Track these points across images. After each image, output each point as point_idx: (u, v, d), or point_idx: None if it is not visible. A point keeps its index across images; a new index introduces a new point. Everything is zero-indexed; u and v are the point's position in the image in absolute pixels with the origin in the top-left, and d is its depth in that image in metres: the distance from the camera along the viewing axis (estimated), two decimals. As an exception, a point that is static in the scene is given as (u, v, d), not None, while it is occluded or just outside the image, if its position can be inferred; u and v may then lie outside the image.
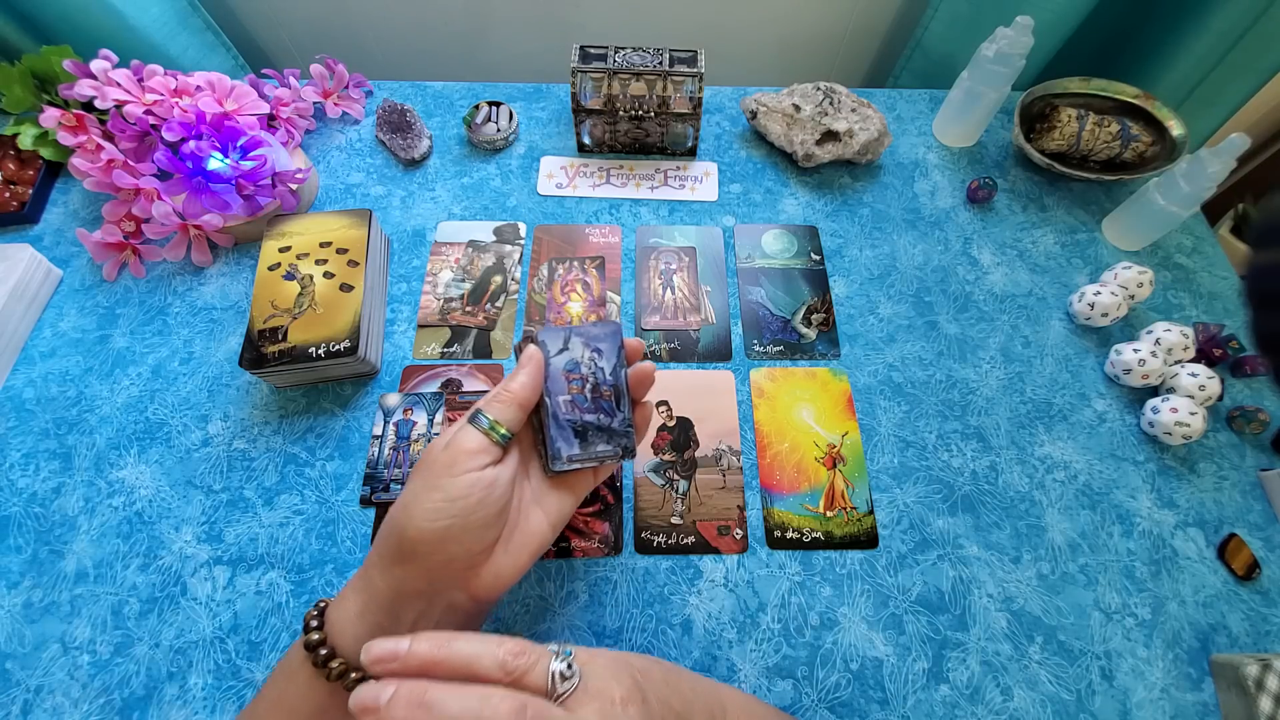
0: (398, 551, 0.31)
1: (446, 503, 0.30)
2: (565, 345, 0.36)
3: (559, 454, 0.35)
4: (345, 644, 0.30)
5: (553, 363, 0.35)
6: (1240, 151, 0.50)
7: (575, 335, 0.36)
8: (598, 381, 0.36)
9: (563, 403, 0.35)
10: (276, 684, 0.32)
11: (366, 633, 0.30)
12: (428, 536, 0.30)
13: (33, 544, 0.44)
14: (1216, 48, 0.64)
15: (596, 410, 0.36)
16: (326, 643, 0.30)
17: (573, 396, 0.35)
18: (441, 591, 0.32)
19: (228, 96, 0.57)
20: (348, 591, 0.32)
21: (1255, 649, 0.43)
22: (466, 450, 0.31)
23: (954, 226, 0.61)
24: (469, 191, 0.62)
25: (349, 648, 0.30)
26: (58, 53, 0.58)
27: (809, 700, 0.40)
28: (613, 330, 0.37)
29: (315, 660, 0.30)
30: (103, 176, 0.52)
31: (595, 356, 0.36)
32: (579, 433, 0.35)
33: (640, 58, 0.57)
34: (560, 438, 0.35)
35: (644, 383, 0.37)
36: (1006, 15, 0.59)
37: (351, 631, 0.31)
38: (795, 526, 0.46)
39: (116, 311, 0.53)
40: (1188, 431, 0.47)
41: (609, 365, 0.36)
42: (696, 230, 0.60)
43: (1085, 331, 0.56)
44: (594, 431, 0.35)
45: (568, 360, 0.36)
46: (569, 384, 0.35)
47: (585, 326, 0.37)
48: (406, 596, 0.31)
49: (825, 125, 0.61)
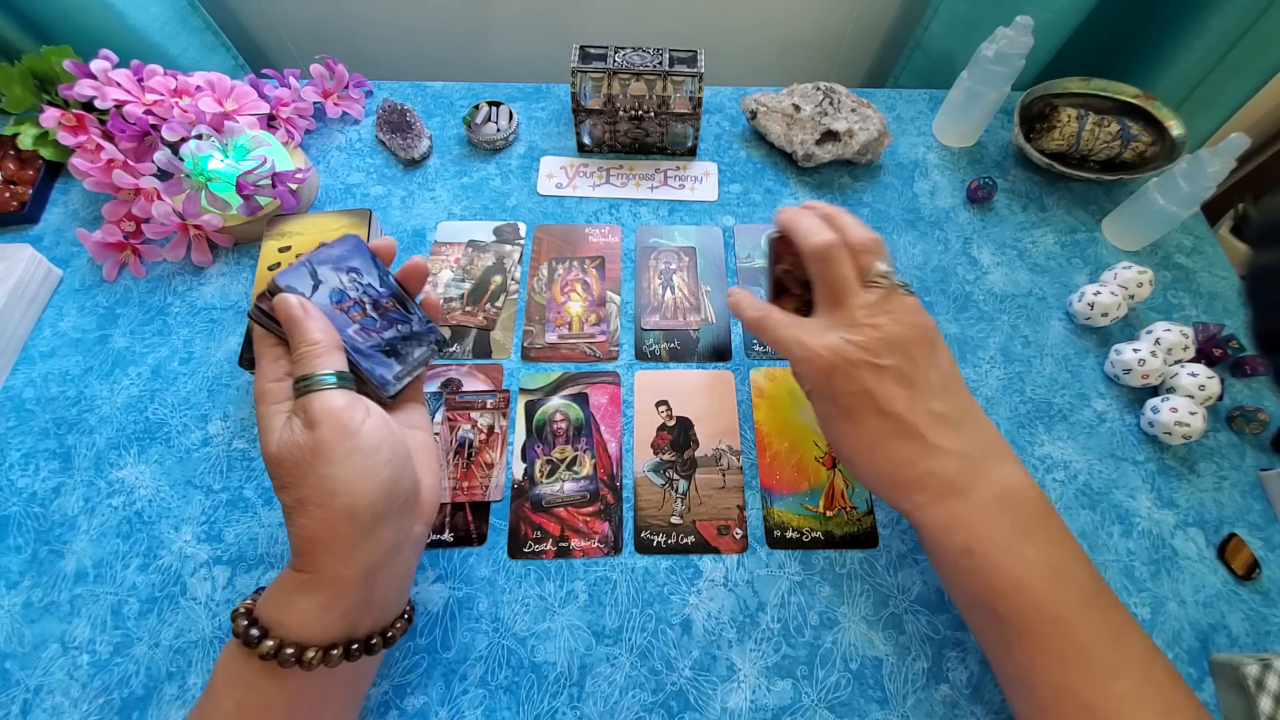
0: (357, 532, 0.30)
1: (372, 457, 0.30)
2: (316, 279, 0.33)
3: (385, 380, 0.34)
4: (313, 635, 0.30)
5: (318, 301, 0.33)
6: (1240, 151, 0.50)
7: (318, 265, 0.34)
8: (375, 298, 0.35)
9: (355, 333, 0.33)
10: (231, 693, 0.30)
11: (338, 618, 0.30)
12: (381, 497, 0.30)
13: (32, 544, 0.44)
14: (1216, 48, 0.64)
15: (390, 324, 0.35)
16: (286, 644, 0.29)
17: (359, 322, 0.34)
18: (406, 535, 0.33)
19: (228, 96, 0.57)
20: (291, 594, 0.30)
21: (1255, 649, 0.43)
22: (339, 409, 0.30)
23: (954, 226, 0.61)
24: (469, 191, 0.62)
25: (317, 638, 0.30)
26: (58, 53, 0.58)
27: (808, 700, 0.40)
28: (354, 242, 0.35)
29: (283, 661, 0.29)
30: (103, 176, 0.52)
31: (355, 276, 0.35)
32: (388, 352, 0.34)
33: (640, 58, 0.57)
34: (376, 365, 0.34)
35: (416, 275, 0.37)
36: (1006, 15, 0.59)
37: (320, 624, 0.30)
38: (795, 526, 0.46)
39: (116, 311, 0.53)
40: (1188, 431, 0.47)
41: (374, 277, 0.35)
42: (696, 230, 0.60)
43: (1085, 331, 0.56)
44: (401, 343, 0.34)
45: (330, 292, 0.33)
46: (348, 314, 0.34)
47: (322, 251, 0.34)
48: (380, 563, 0.31)
49: (825, 125, 0.61)
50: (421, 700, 0.40)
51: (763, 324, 0.40)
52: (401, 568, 0.33)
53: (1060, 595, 0.32)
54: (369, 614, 0.32)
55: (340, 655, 0.30)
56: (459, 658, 0.41)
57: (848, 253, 0.37)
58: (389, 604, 0.33)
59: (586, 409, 0.50)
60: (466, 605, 0.43)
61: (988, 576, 0.33)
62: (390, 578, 0.32)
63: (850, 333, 0.36)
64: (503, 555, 0.44)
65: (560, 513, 0.46)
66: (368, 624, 0.32)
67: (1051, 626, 0.31)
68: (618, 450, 0.49)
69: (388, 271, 0.36)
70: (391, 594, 0.33)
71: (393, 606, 0.34)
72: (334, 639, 0.30)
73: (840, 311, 0.37)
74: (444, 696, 0.40)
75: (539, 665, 0.41)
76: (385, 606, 0.33)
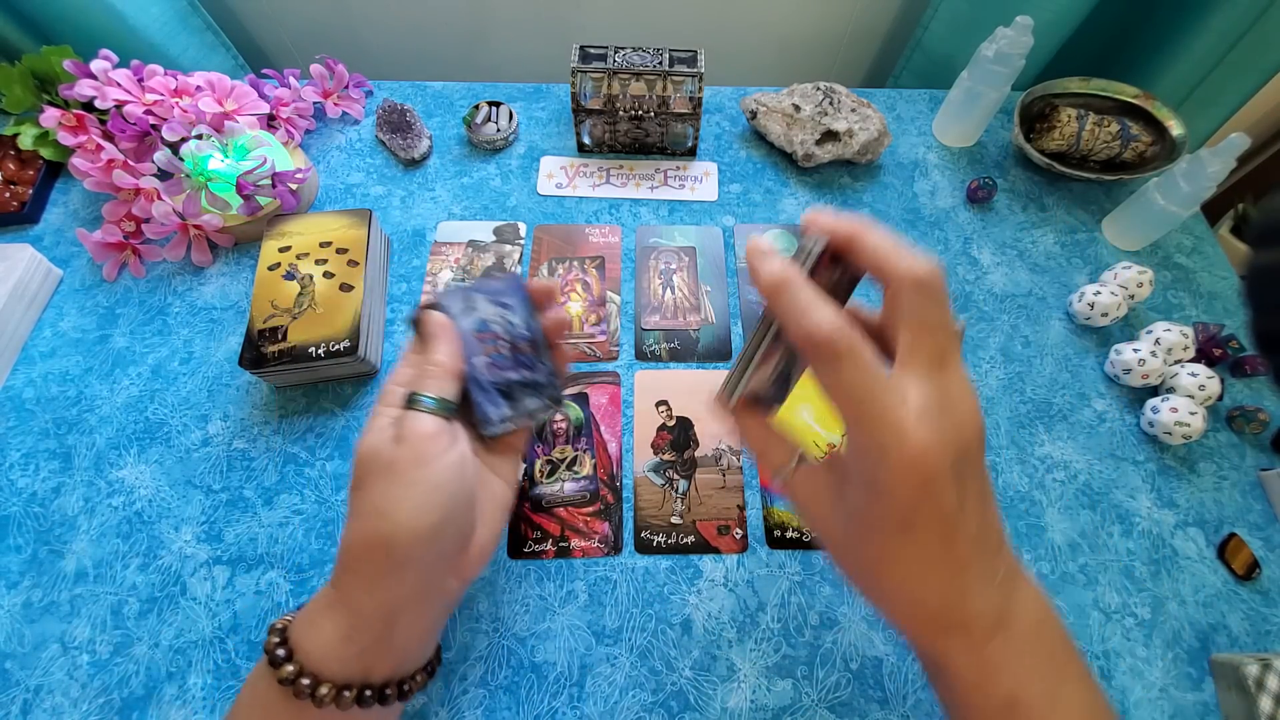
0: (389, 564, 0.29)
1: (432, 494, 0.29)
2: (470, 306, 0.34)
3: (489, 418, 0.33)
4: (330, 670, 0.29)
5: (462, 326, 0.33)
6: (1240, 151, 0.50)
7: (477, 294, 0.34)
8: (513, 337, 0.34)
9: (482, 365, 0.33)
10: (252, 716, 0.30)
11: (354, 655, 0.29)
12: (423, 536, 0.29)
13: (32, 544, 0.44)
14: (1216, 48, 0.64)
15: (518, 366, 0.34)
16: (306, 672, 0.29)
17: (490, 357, 0.34)
18: (435, 587, 0.31)
19: (228, 96, 0.57)
20: (319, 615, 0.30)
21: (1255, 649, 0.43)
22: (427, 436, 0.29)
23: (954, 226, 0.61)
24: (469, 191, 0.62)
25: (334, 672, 0.29)
26: (58, 53, 0.58)
27: (809, 700, 0.40)
28: (514, 280, 0.35)
29: (298, 692, 0.28)
30: (103, 176, 0.52)
31: (504, 311, 0.35)
32: (504, 392, 0.34)
33: (640, 58, 0.57)
34: (487, 401, 0.33)
35: (557, 327, 0.36)
36: (1006, 15, 0.59)
37: (337, 657, 0.29)
38: (795, 526, 0.46)
39: (116, 311, 0.53)
40: (1188, 431, 0.47)
41: (520, 318, 0.35)
42: (696, 230, 0.60)
43: (1085, 331, 0.56)
44: (519, 388, 0.34)
45: (476, 321, 0.34)
46: (483, 344, 0.34)
47: (485, 281, 0.35)
48: (403, 607, 0.30)
49: (825, 125, 0.61)
50: (421, 700, 0.40)
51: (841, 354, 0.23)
52: (426, 619, 0.32)
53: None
54: (386, 658, 0.31)
55: (352, 698, 0.29)
56: (459, 658, 0.41)
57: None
58: (409, 654, 0.32)
59: (586, 409, 0.50)
60: (466, 605, 0.43)
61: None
62: (412, 625, 0.31)
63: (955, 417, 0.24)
64: (503, 555, 0.44)
65: (560, 513, 0.46)
66: (384, 670, 0.31)
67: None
68: (618, 450, 0.49)
69: (535, 316, 0.35)
70: (412, 644, 0.32)
71: (413, 658, 0.32)
72: (349, 678, 0.29)
73: (944, 376, 0.24)
74: (444, 696, 0.40)
75: (539, 665, 0.41)
76: (404, 656, 0.32)
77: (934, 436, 0.23)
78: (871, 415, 0.23)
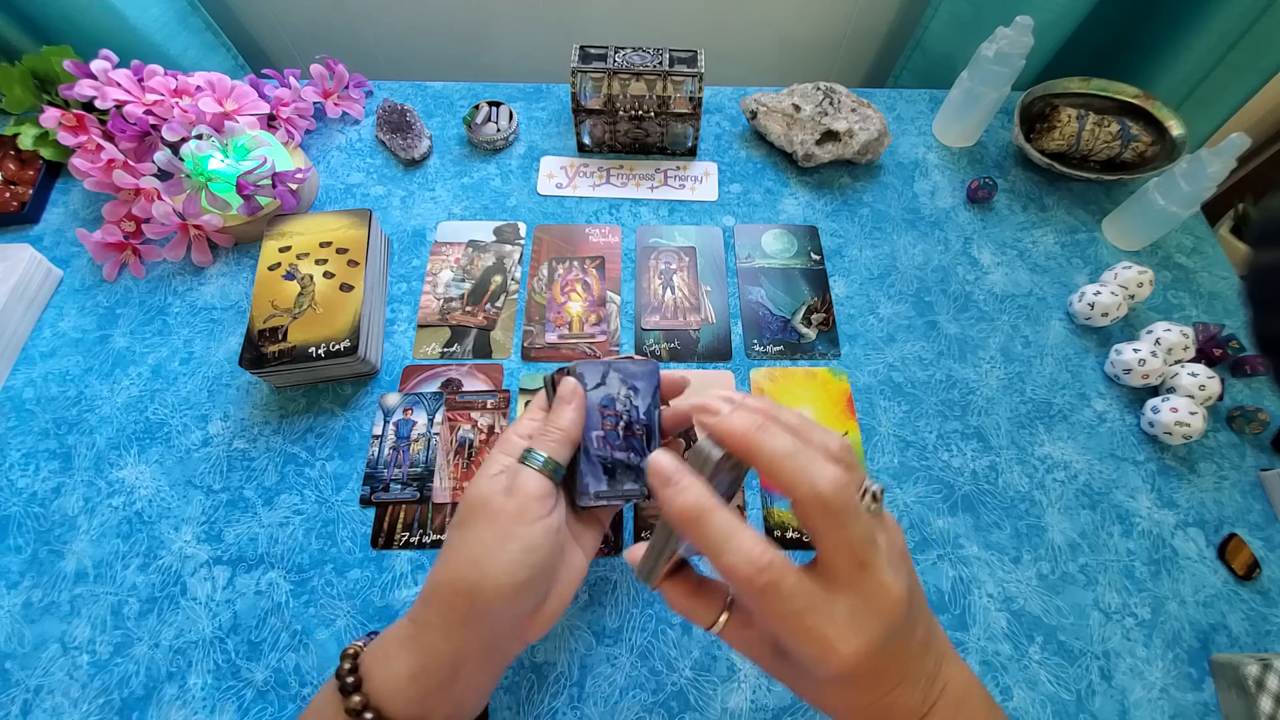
0: (470, 612, 0.29)
1: (525, 554, 0.29)
2: (602, 380, 0.35)
3: (587, 489, 0.34)
4: (394, 708, 0.29)
5: (590, 397, 0.35)
6: (1240, 151, 0.50)
7: (613, 371, 0.36)
8: (631, 420, 0.35)
9: (595, 438, 0.34)
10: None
11: (419, 696, 0.29)
12: (506, 593, 0.29)
13: (32, 544, 0.44)
14: (1216, 48, 0.64)
15: (628, 449, 0.35)
16: (371, 705, 0.28)
17: (605, 433, 0.35)
18: (502, 645, 0.31)
19: (228, 96, 0.57)
20: (393, 648, 0.30)
21: (1255, 649, 0.43)
22: (535, 496, 0.30)
23: (954, 226, 0.61)
24: (469, 191, 0.62)
25: (397, 710, 0.29)
26: (58, 53, 0.58)
27: (809, 700, 0.40)
28: (651, 369, 0.36)
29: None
30: (103, 176, 0.52)
31: (631, 394, 0.36)
32: (608, 469, 0.34)
33: (640, 58, 0.57)
34: (590, 473, 0.34)
35: (679, 423, 0.36)
36: (1006, 15, 0.59)
37: (403, 696, 0.29)
38: (795, 527, 0.46)
39: (116, 311, 0.53)
40: (1188, 431, 0.47)
41: (644, 404, 0.36)
42: (696, 230, 0.60)
43: (1085, 331, 0.56)
44: (622, 469, 0.34)
45: (604, 395, 0.35)
46: (603, 419, 0.35)
47: (623, 363, 0.36)
48: (470, 657, 0.30)
49: (825, 125, 0.61)
50: (421, 700, 0.40)
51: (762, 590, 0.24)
52: (487, 675, 0.32)
53: None
54: (445, 706, 0.30)
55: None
56: (459, 658, 0.41)
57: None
58: (464, 707, 0.32)
59: (586, 409, 0.50)
60: (466, 605, 0.43)
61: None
62: (473, 678, 0.31)
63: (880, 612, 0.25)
64: (503, 555, 0.44)
65: (560, 513, 0.46)
66: (439, 717, 0.30)
67: None
68: (618, 450, 0.48)
69: (658, 406, 0.36)
70: (469, 696, 0.31)
71: (466, 711, 0.32)
72: (409, 718, 0.29)
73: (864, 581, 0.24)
74: (444, 696, 0.40)
75: (539, 665, 0.41)
76: (460, 708, 0.31)
77: (863, 639, 0.24)
78: (802, 633, 0.24)
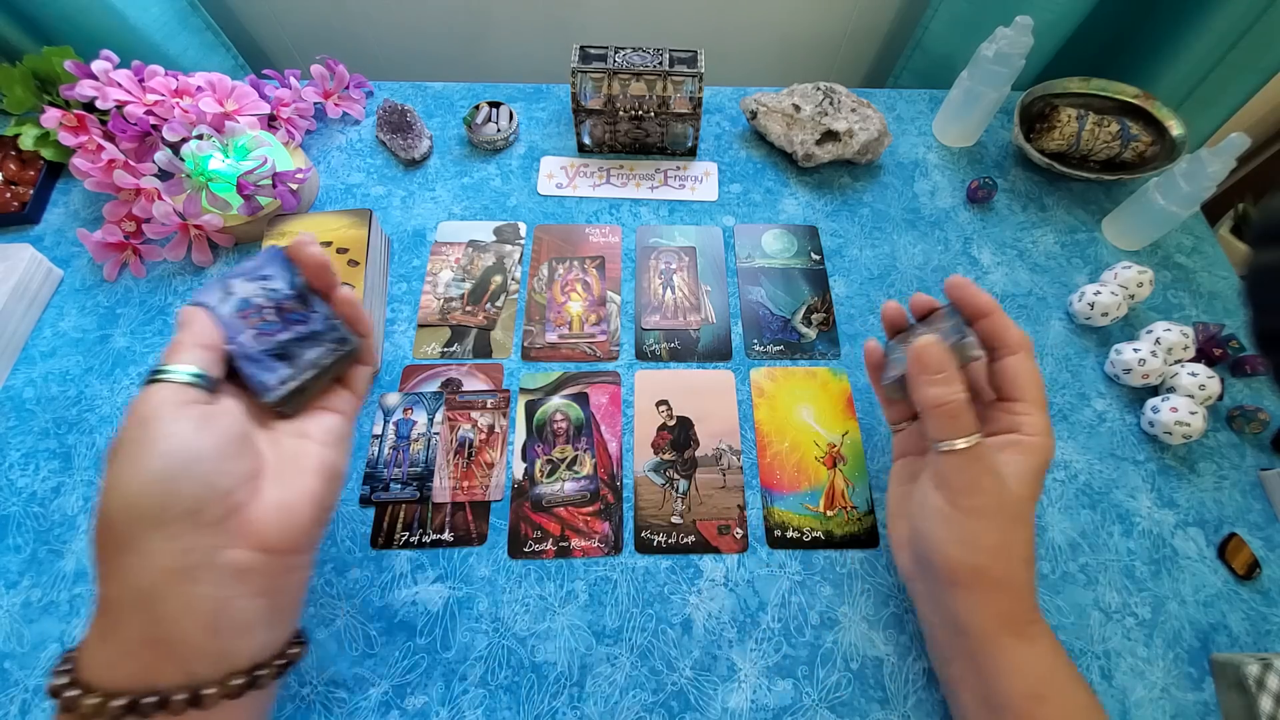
0: (113, 542, 0.26)
1: (144, 461, 0.26)
2: (228, 291, 0.32)
3: (266, 384, 0.31)
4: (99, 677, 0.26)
5: (221, 312, 0.32)
6: (1240, 151, 0.50)
7: (234, 278, 0.33)
8: (276, 301, 0.33)
9: (249, 339, 0.32)
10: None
11: (120, 657, 0.26)
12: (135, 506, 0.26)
13: (32, 543, 0.44)
14: (1216, 48, 0.64)
15: (288, 325, 0.33)
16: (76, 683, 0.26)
17: (256, 328, 0.32)
18: (201, 560, 0.26)
19: (228, 97, 0.57)
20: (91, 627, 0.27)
21: (1255, 648, 0.43)
22: (152, 405, 0.27)
23: (954, 226, 0.61)
24: (469, 191, 0.62)
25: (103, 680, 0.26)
26: (59, 53, 0.58)
27: (809, 700, 0.40)
28: (268, 254, 0.34)
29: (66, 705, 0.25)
30: (103, 177, 0.52)
31: (265, 283, 0.33)
32: (280, 355, 0.32)
33: (640, 58, 0.57)
34: (260, 370, 0.32)
35: (312, 268, 0.33)
36: (1006, 15, 0.59)
37: (102, 662, 0.26)
38: (795, 526, 0.46)
39: (117, 311, 0.53)
40: (1188, 431, 0.47)
41: (283, 282, 0.33)
42: (696, 230, 0.60)
43: (1085, 331, 0.56)
44: (295, 345, 0.33)
45: (236, 302, 0.32)
46: (247, 320, 0.32)
47: (240, 265, 0.33)
48: (155, 588, 0.26)
49: (825, 125, 0.61)
50: (422, 700, 0.40)
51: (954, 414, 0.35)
52: (205, 601, 0.26)
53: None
54: (166, 658, 0.26)
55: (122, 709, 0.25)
56: (459, 658, 0.41)
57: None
58: (199, 649, 0.27)
59: (587, 409, 0.50)
60: (466, 605, 0.43)
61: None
62: (184, 611, 0.26)
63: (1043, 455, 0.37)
64: (503, 555, 0.44)
65: (560, 512, 0.46)
66: (170, 672, 0.26)
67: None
68: (618, 450, 0.49)
69: (297, 273, 0.34)
70: (195, 634, 0.26)
71: (209, 655, 0.27)
72: (120, 685, 0.25)
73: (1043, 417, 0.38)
74: (444, 696, 0.40)
75: (539, 665, 0.41)
76: (192, 651, 0.26)
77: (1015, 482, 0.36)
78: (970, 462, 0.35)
